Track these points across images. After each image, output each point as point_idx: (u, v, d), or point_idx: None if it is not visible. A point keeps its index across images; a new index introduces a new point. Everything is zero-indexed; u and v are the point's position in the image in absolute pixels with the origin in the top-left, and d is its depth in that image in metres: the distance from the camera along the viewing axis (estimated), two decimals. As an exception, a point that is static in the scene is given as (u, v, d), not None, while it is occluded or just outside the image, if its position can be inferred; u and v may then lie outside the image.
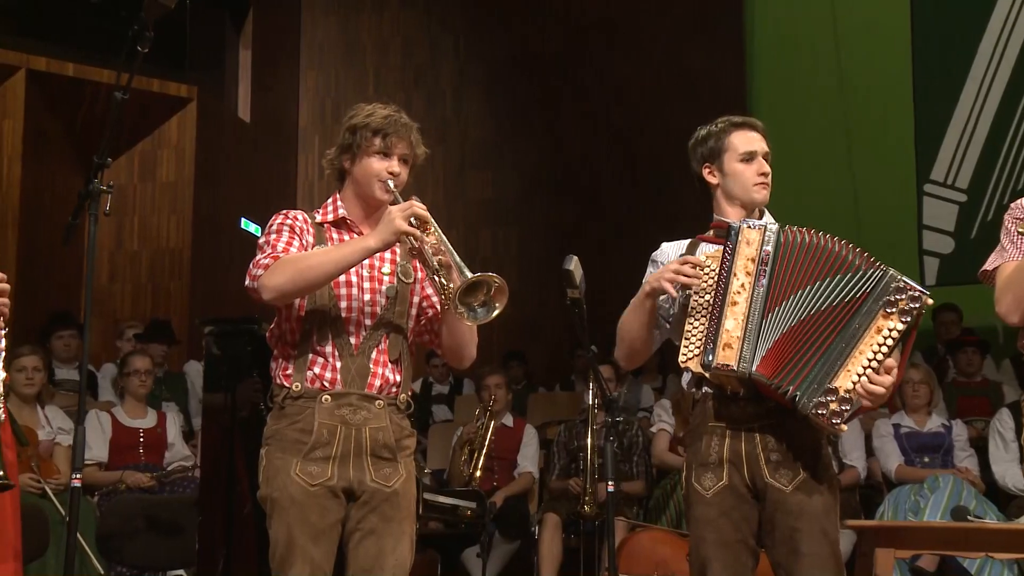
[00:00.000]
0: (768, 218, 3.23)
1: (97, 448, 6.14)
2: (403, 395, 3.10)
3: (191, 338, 8.74)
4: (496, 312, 2.88)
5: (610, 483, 3.58)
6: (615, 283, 3.48)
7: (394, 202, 3.03)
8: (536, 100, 11.29)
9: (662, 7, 11.03)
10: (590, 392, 6.30)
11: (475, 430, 6.83)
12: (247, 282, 2.96)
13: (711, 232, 3.21)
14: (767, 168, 3.18)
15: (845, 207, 9.82)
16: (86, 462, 6.11)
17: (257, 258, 2.98)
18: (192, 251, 9.56)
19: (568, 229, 10.76)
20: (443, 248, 2.92)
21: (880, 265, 2.93)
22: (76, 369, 7.77)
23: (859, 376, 2.85)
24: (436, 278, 2.94)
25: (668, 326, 3.19)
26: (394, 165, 3.10)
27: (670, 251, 3.25)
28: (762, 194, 3.18)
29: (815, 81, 10.44)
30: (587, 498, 6.16)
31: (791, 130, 10.06)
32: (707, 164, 3.22)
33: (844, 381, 2.86)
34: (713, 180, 3.21)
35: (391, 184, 3.07)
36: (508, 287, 2.86)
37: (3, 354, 2.64)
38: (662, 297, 3.09)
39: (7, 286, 2.67)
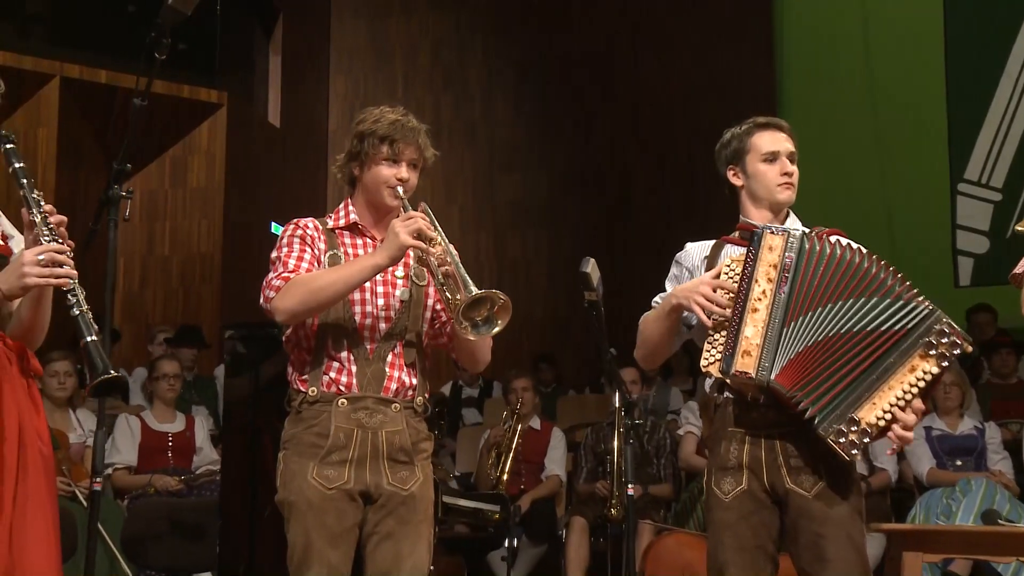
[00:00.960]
0: (794, 221, 3.22)
1: (126, 452, 6.20)
2: (419, 398, 3.11)
3: (221, 342, 8.81)
4: (497, 329, 2.90)
5: (630, 486, 3.57)
6: (644, 285, 3.49)
7: (403, 208, 3.04)
8: (565, 101, 11.29)
9: (692, 6, 11.01)
10: (617, 395, 6.29)
11: (502, 433, 6.84)
12: (261, 301, 3.02)
13: (736, 234, 3.20)
14: (791, 168, 3.17)
15: (877, 208, 9.74)
16: (116, 466, 6.20)
17: (269, 277, 3.02)
18: (223, 256, 9.64)
19: (598, 230, 10.75)
20: (448, 260, 2.94)
21: (926, 302, 2.91)
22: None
23: (884, 412, 2.85)
24: (443, 291, 2.96)
25: (687, 330, 3.19)
26: (403, 171, 3.11)
27: (694, 252, 3.25)
28: (786, 194, 3.17)
29: (847, 80, 10.38)
30: (614, 501, 6.14)
31: (822, 129, 10.01)
32: (731, 166, 3.23)
33: (868, 414, 2.85)
34: (737, 182, 3.21)
35: (400, 191, 3.09)
36: (511, 304, 2.87)
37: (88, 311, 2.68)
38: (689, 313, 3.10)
39: (67, 248, 2.72)
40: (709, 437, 3.15)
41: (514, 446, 6.72)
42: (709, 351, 3.00)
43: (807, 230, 3.10)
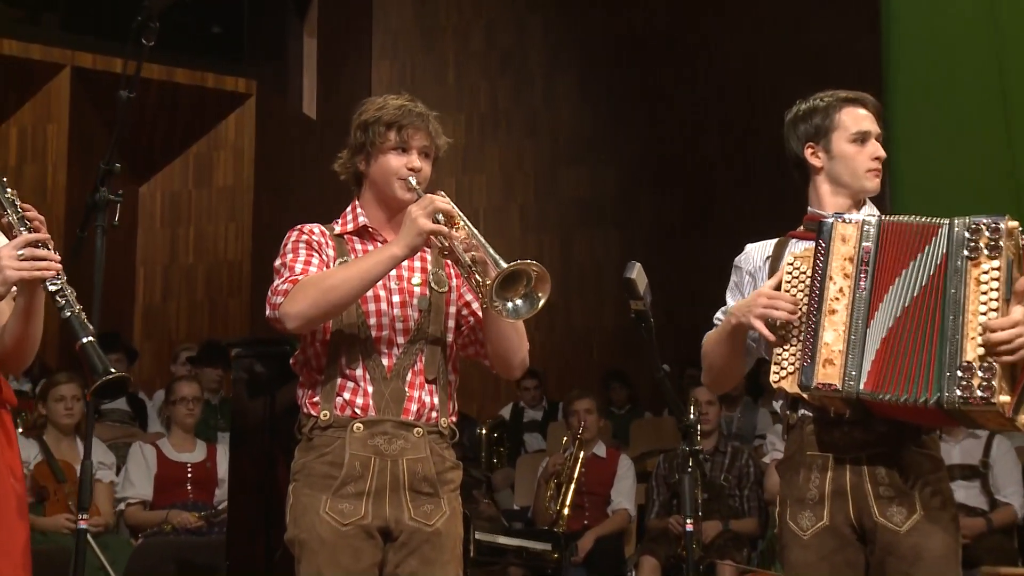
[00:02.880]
0: (870, 209, 3.15)
1: (141, 485, 6.25)
2: (444, 420, 3.09)
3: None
4: (540, 304, 2.86)
5: (688, 521, 3.54)
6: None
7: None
8: (637, 86, 11.23)
9: (780, -26, 10.92)
10: (691, 416, 6.23)
11: (562, 461, 6.80)
12: (268, 312, 3.01)
13: (803, 227, 3.14)
14: (882, 152, 3.11)
15: (1002, 187, 9.54)
16: (129, 501, 6.26)
17: (275, 284, 3.02)
18: (252, 264, 9.72)
19: (674, 230, 10.68)
20: (475, 242, 2.92)
21: (940, 220, 2.85)
22: (124, 397, 7.94)
23: (982, 336, 2.73)
24: (471, 276, 2.93)
25: (755, 346, 3.13)
26: (414, 160, 3.10)
27: (755, 253, 3.20)
28: (874, 182, 3.11)
29: (968, 50, 10.17)
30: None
31: (938, 107, 9.83)
32: (811, 144, 3.15)
33: (973, 352, 2.74)
34: (817, 163, 3.14)
35: (413, 181, 3.07)
36: (550, 276, 2.85)
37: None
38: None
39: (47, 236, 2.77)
40: (782, 463, 3.09)
41: (576, 476, 6.69)
42: (779, 363, 2.94)
43: (884, 217, 3.03)
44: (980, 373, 2.72)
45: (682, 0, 11.21)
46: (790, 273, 2.99)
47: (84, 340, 2.68)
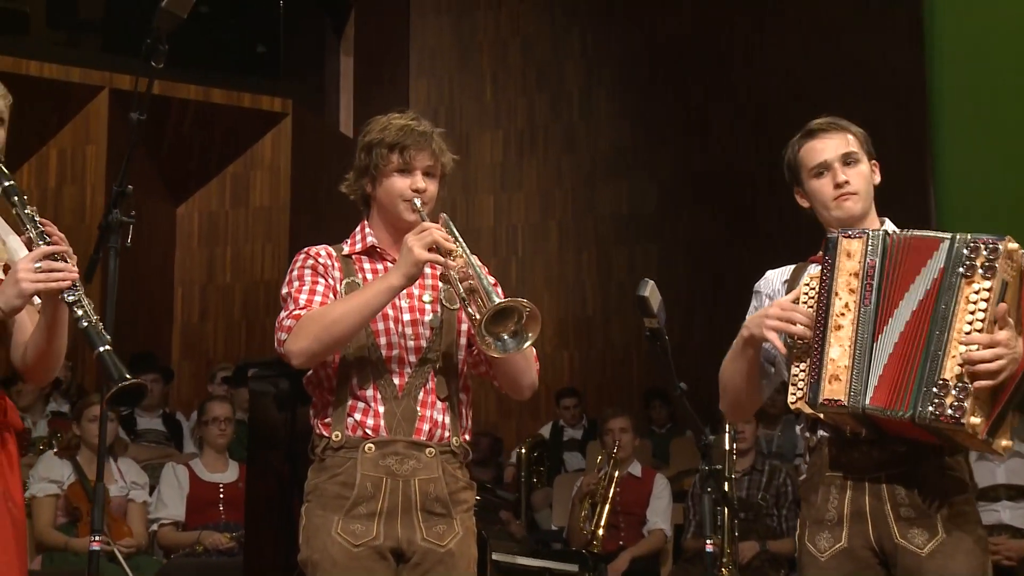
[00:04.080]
0: (889, 226, 3.14)
1: (173, 506, 6.31)
2: (457, 439, 3.11)
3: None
4: (527, 343, 2.90)
5: (708, 542, 3.52)
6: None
7: (422, 222, 3.05)
8: (675, 99, 11.22)
9: (823, -15, 10.87)
10: (726, 435, 6.21)
11: (597, 481, 6.79)
12: (276, 346, 3.05)
13: (821, 252, 3.14)
14: (841, 177, 3.09)
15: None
16: (162, 522, 6.32)
17: (280, 317, 3.06)
18: (289, 283, 9.77)
19: (715, 246, 10.63)
20: (471, 272, 2.94)
21: (944, 234, 2.84)
22: (160, 418, 8.04)
23: (963, 354, 2.72)
24: (466, 307, 2.96)
25: (773, 370, 3.12)
26: (418, 181, 3.13)
27: (774, 277, 3.22)
28: (844, 208, 3.10)
29: (1014, 58, 10.08)
30: (726, 560, 6.05)
31: (985, 117, 9.73)
32: (796, 187, 3.22)
33: (951, 370, 2.74)
34: (804, 203, 3.20)
35: (417, 203, 3.10)
36: (539, 314, 2.88)
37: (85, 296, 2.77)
38: (767, 344, 3.04)
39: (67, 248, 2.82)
40: (803, 485, 3.09)
41: (610, 495, 6.67)
42: (795, 385, 2.93)
43: (895, 229, 3.02)
44: (954, 392, 2.71)
45: (721, 12, 11.18)
46: (806, 294, 2.99)
47: (101, 349, 2.72)
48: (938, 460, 2.91)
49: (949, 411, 2.71)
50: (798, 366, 2.93)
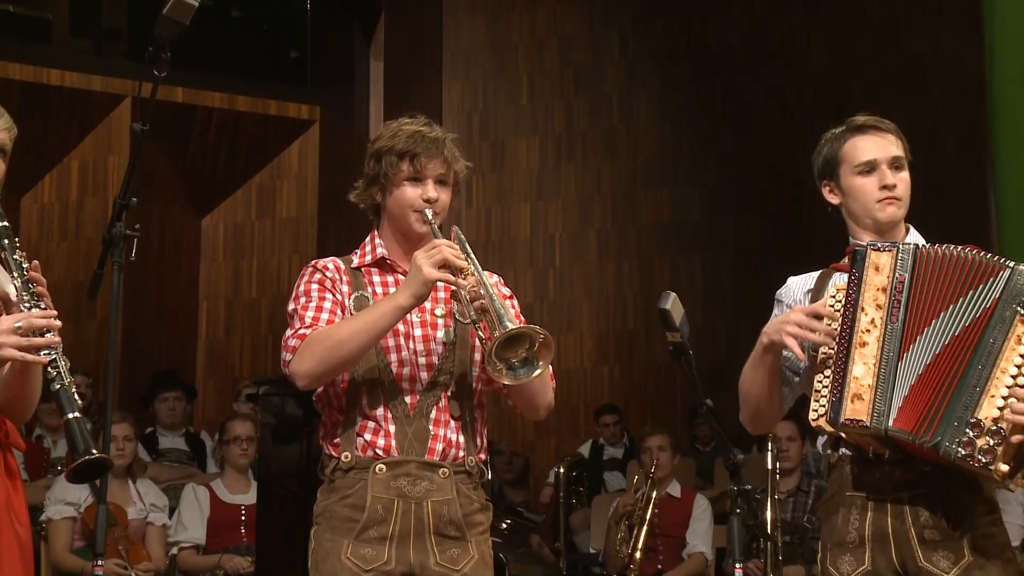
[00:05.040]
0: (916, 239, 3.13)
1: (193, 528, 6.36)
2: (471, 459, 3.12)
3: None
4: (537, 373, 2.91)
5: (738, 566, 3.52)
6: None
7: (433, 234, 3.09)
8: (720, 102, 11.18)
9: (874, -21, 10.82)
10: (769, 453, 6.21)
11: (633, 502, 6.78)
12: (281, 366, 3.08)
13: (845, 259, 3.14)
14: (891, 180, 3.08)
15: None
16: (182, 545, 6.37)
17: (285, 335, 3.09)
18: (318, 297, 9.82)
19: (762, 255, 10.58)
20: (483, 292, 2.95)
21: (1006, 263, 2.83)
22: (183, 436, 8.09)
23: (1004, 400, 2.73)
24: (476, 328, 2.98)
25: (798, 380, 3.12)
26: (429, 190, 3.14)
27: (796, 286, 3.23)
28: (887, 212, 3.11)
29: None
30: (769, 584, 6.04)
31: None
32: (825, 180, 3.20)
33: (988, 410, 2.74)
34: (834, 200, 3.20)
35: (428, 214, 3.12)
36: (553, 342, 2.88)
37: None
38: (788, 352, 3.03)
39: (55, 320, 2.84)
40: (823, 506, 3.09)
41: (648, 517, 6.66)
42: (817, 400, 2.93)
43: (923, 243, 3.01)
44: (988, 436, 2.72)
45: (767, 10, 11.14)
46: (832, 306, 2.99)
47: (70, 416, 2.73)
48: (963, 480, 2.90)
49: (979, 455, 2.73)
50: (820, 380, 2.92)
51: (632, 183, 11.43)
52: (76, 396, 2.77)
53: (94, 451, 2.71)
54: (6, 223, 2.88)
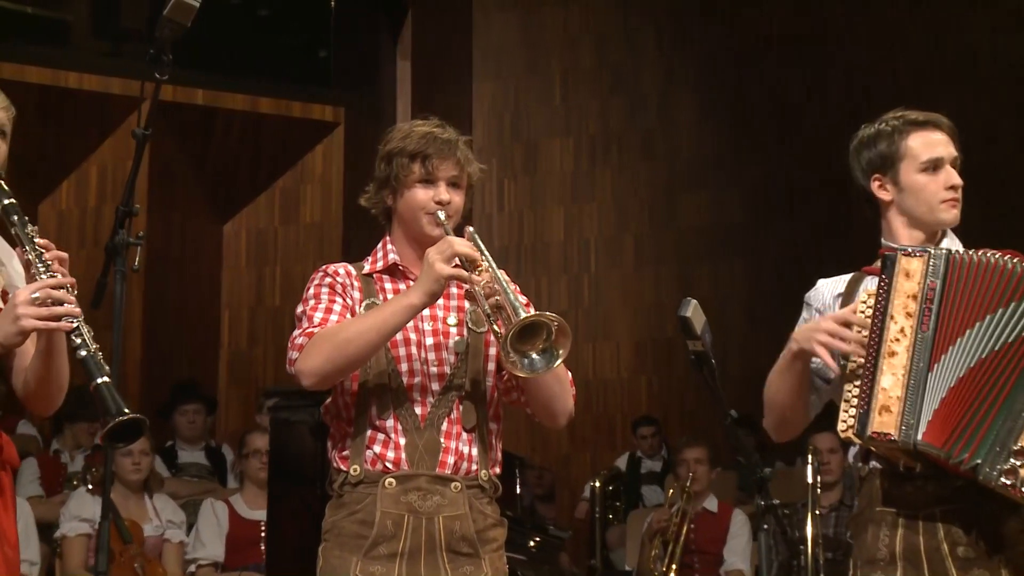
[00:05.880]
0: (953, 243, 3.11)
1: (212, 545, 6.40)
2: (485, 472, 3.12)
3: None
4: (558, 361, 2.90)
5: (764, 586, 3.50)
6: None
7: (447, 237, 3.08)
8: (762, 101, 11.14)
9: (923, -30, 10.75)
10: (808, 467, 6.18)
11: (667, 517, 6.77)
12: (287, 366, 3.09)
13: (877, 263, 3.12)
14: (957, 180, 3.06)
15: None
16: (200, 562, 6.41)
17: (293, 335, 3.10)
18: (343, 304, 9.86)
19: (807, 259, 10.53)
20: (498, 288, 2.95)
21: None
22: (203, 450, 8.14)
23: None
24: (491, 324, 2.97)
25: (827, 386, 3.11)
26: (441, 192, 3.15)
27: (826, 289, 3.23)
28: (951, 214, 3.09)
29: None
30: (810, 603, 6.02)
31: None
32: (877, 175, 3.14)
33: None
34: (885, 196, 3.14)
35: (441, 216, 3.12)
36: (570, 329, 2.88)
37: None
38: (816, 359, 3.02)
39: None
40: (852, 521, 3.09)
41: (683, 533, 6.64)
42: (846, 411, 2.92)
43: (959, 249, 2.99)
44: None
45: (810, 2, 11.11)
46: (862, 312, 2.97)
47: (99, 380, 2.77)
48: (999, 497, 2.87)
49: (1022, 486, 2.72)
50: (850, 390, 2.91)
51: (670, 185, 11.40)
52: (103, 362, 2.80)
53: (126, 411, 2.73)
54: (13, 200, 2.94)
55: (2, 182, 2.99)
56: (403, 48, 11.26)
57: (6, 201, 2.95)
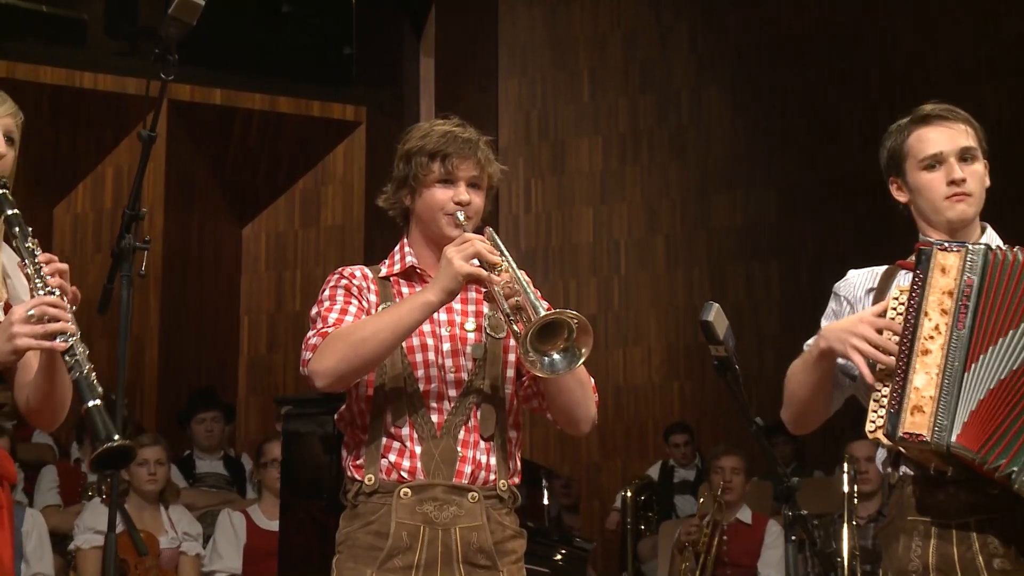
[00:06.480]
0: (992, 238, 3.09)
1: (229, 557, 6.41)
2: (503, 482, 3.12)
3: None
4: (580, 361, 2.91)
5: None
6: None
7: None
8: (797, 97, 11.11)
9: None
10: (845, 475, 6.15)
11: (697, 528, 6.74)
12: (301, 367, 3.10)
13: (913, 257, 3.10)
14: (958, 174, 3.04)
15: None
16: (217, 574, 6.41)
17: (307, 335, 3.11)
18: (365, 308, 9.86)
19: (845, 261, 10.43)
20: (518, 288, 2.95)
21: None
22: (221, 460, 8.15)
23: None
24: (511, 325, 2.97)
25: (849, 383, 3.10)
26: (461, 193, 3.16)
27: (857, 281, 3.22)
28: (956, 209, 3.07)
29: None
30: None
31: None
32: (892, 176, 3.16)
33: None
34: (902, 197, 3.17)
35: (461, 216, 3.12)
36: (592, 327, 2.89)
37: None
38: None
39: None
40: (882, 531, 3.06)
41: (715, 544, 6.61)
42: (875, 411, 2.91)
43: (998, 244, 2.96)
44: None
45: (850, -1, 11.08)
46: (895, 308, 2.95)
47: (90, 404, 2.77)
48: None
49: None
50: (879, 390, 2.89)
51: (702, 184, 11.38)
52: (97, 383, 2.81)
53: (116, 437, 2.74)
54: (17, 211, 2.96)
55: (8, 192, 3.00)
56: (426, 45, 11.25)
57: (10, 212, 2.97)
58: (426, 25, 11.23)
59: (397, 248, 3.30)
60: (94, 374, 2.81)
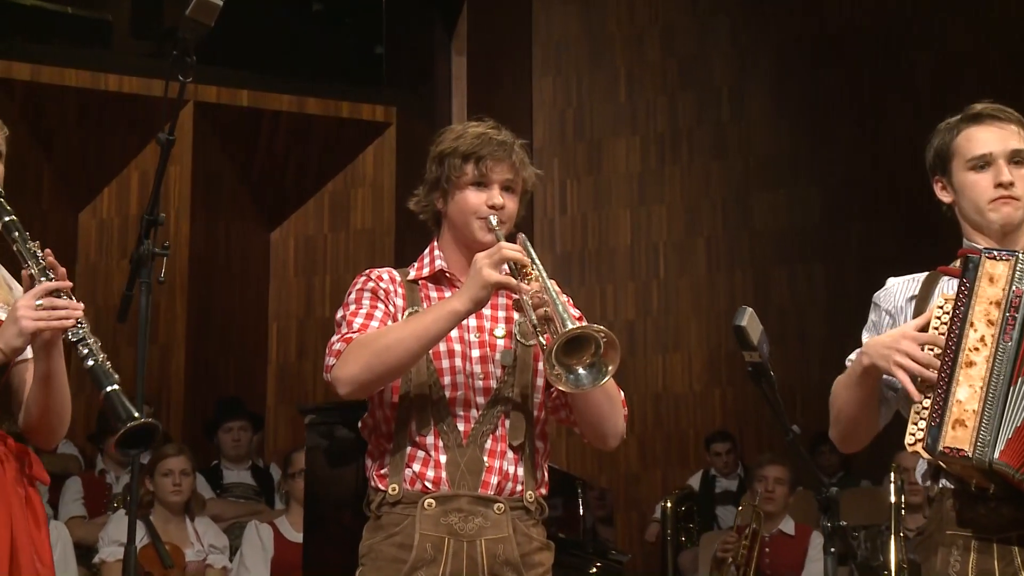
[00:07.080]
0: None
1: (256, 570, 6.45)
2: (530, 493, 3.12)
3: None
4: (606, 377, 2.90)
5: (830, 615, 3.45)
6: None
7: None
8: (843, 94, 11.07)
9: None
10: (892, 486, 6.12)
11: (734, 541, 6.71)
12: (324, 373, 3.13)
13: (956, 263, 3.09)
14: (1006, 176, 3.02)
15: None
16: (244, 589, 6.45)
17: (331, 341, 3.13)
18: (397, 314, 9.87)
19: (892, 262, 10.35)
20: (547, 298, 2.95)
21: None
22: (249, 470, 8.18)
23: None
24: (538, 337, 2.97)
25: (893, 394, 3.08)
26: (495, 196, 3.16)
27: (897, 290, 3.20)
28: (1001, 212, 3.06)
29: None
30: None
31: None
32: (937, 176, 3.15)
33: None
34: (946, 198, 3.15)
35: (494, 220, 3.13)
36: (627, 337, 2.86)
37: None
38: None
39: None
40: (920, 544, 3.05)
41: (755, 556, 6.59)
42: (915, 423, 2.89)
43: None
44: None
45: (895, -11, 11.03)
46: (938, 318, 2.93)
47: (108, 389, 2.83)
48: None
49: None
50: (920, 401, 2.88)
51: (744, 185, 11.35)
52: (112, 370, 2.87)
53: (136, 415, 2.77)
54: (14, 217, 3.03)
55: (2, 200, 3.05)
56: (458, 43, 11.27)
57: (6, 218, 3.03)
58: (458, 23, 11.25)
59: (427, 251, 3.31)
60: (108, 363, 2.86)
